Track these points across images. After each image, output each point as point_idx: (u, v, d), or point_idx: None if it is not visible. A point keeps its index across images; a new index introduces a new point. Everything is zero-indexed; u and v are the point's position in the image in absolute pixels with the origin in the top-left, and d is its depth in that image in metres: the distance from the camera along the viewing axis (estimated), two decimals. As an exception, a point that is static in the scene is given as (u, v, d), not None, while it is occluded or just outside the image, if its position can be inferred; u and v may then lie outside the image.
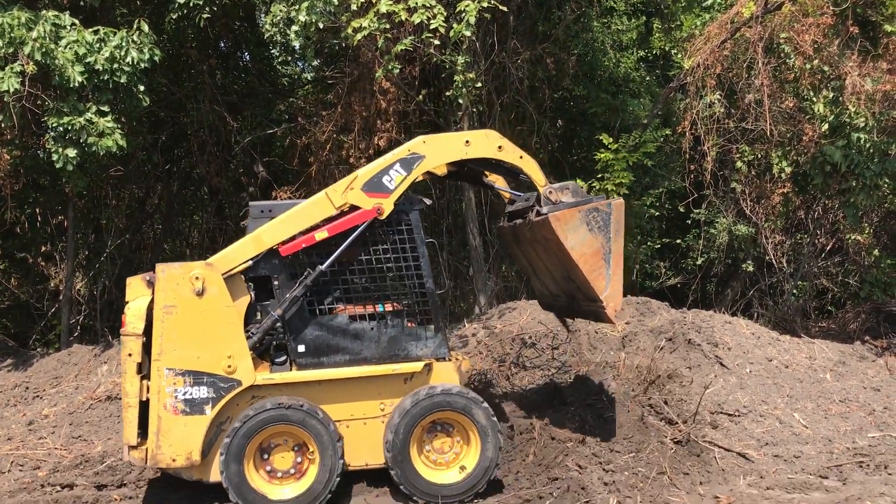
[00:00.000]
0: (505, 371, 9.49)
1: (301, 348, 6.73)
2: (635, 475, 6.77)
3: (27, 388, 10.24)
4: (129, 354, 6.50)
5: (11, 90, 9.25)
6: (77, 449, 8.52)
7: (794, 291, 14.70)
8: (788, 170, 12.38)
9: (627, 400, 7.92)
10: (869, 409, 8.32)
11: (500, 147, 6.93)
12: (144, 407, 6.55)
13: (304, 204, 6.76)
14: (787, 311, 14.39)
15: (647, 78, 15.94)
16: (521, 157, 6.98)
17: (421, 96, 12.42)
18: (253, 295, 6.77)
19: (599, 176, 13.00)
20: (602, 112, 14.43)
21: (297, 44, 12.23)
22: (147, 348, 6.55)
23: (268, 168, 15.24)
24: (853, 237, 14.31)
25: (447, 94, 11.48)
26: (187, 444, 6.47)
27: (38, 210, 15.01)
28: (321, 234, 6.61)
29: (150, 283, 6.66)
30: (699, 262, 15.04)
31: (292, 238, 6.64)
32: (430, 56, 11.08)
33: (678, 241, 15.83)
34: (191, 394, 6.50)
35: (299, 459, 6.65)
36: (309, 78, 17.46)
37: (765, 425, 7.78)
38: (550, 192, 6.77)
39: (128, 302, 6.70)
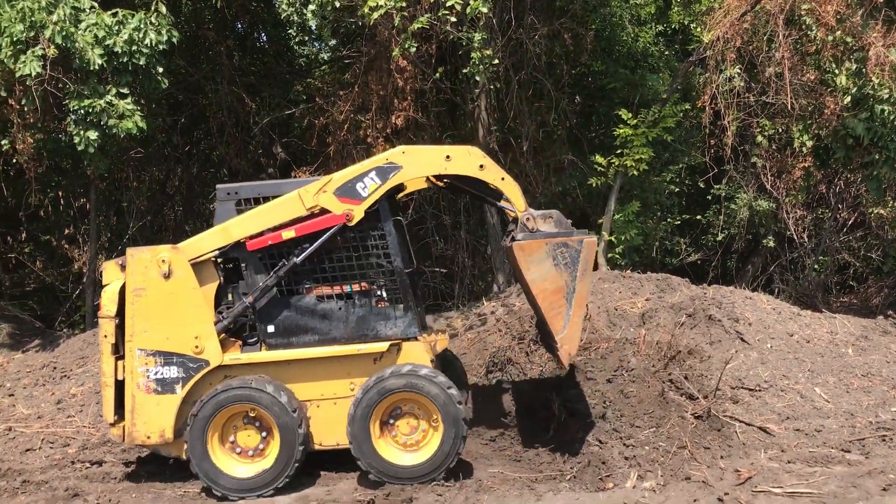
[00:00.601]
0: (524, 348, 9.52)
1: (270, 329, 6.84)
2: (656, 450, 6.80)
3: (55, 367, 10.41)
4: (105, 336, 6.82)
5: (33, 74, 9.35)
6: (104, 427, 8.64)
7: (816, 267, 14.60)
8: (810, 144, 12.25)
9: (648, 375, 7.92)
10: (892, 383, 8.28)
11: (481, 166, 6.64)
12: (122, 386, 6.81)
13: (277, 201, 6.73)
14: (808, 286, 14.31)
15: (666, 52, 15.77)
16: (502, 179, 6.66)
17: (438, 74, 12.39)
18: (222, 278, 6.92)
19: (619, 152, 12.93)
20: (621, 87, 14.32)
21: (313, 23, 12.21)
22: (122, 330, 6.81)
23: (286, 149, 15.31)
24: (876, 211, 14.17)
25: (464, 71, 11.45)
26: (160, 423, 6.71)
27: (60, 193, 15.20)
28: (288, 234, 6.67)
29: (123, 267, 6.88)
30: (719, 238, 14.96)
31: (261, 234, 6.69)
32: (447, 33, 11.03)
33: (698, 217, 15.75)
34: (162, 373, 6.73)
35: (264, 434, 6.73)
36: (326, 58, 17.45)
37: (786, 400, 7.77)
38: (528, 219, 6.46)
39: (104, 285, 6.96)
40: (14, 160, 12.09)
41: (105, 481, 7.18)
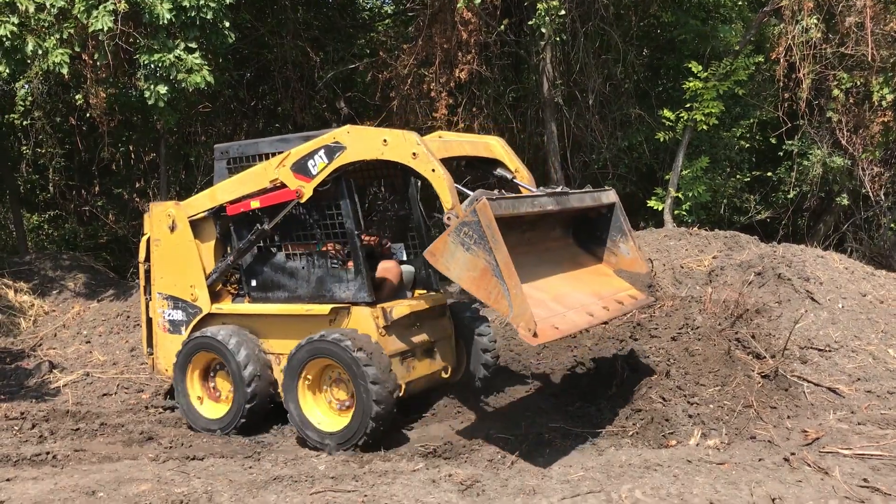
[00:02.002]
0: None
1: (252, 283, 7.22)
2: (721, 408, 6.71)
3: (128, 317, 10.78)
4: (139, 280, 8.01)
5: (105, 28, 9.52)
6: (176, 374, 8.97)
7: (893, 226, 14.08)
8: (890, 97, 11.75)
9: (714, 334, 7.80)
10: (970, 346, 7.99)
11: (414, 154, 6.10)
12: (151, 324, 7.84)
13: (251, 171, 6.94)
14: (883, 245, 13.82)
15: (740, 2, 15.22)
16: (433, 171, 6.02)
17: (503, 26, 12.22)
18: (220, 234, 7.38)
19: (688, 106, 12.62)
20: (691, 39, 13.92)
21: (377, -25, 12.15)
22: (149, 275, 7.75)
23: (350, 104, 15.35)
24: (958, 168, 13.58)
25: (530, 23, 11.27)
26: (174, 358, 7.34)
27: (131, 147, 15.58)
28: (255, 203, 6.91)
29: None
30: (790, 195, 14.52)
31: (238, 199, 7.01)
32: (513, -16, 10.85)
33: (769, 173, 15.31)
34: (172, 315, 7.57)
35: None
36: (389, 11, 17.35)
37: (857, 361, 7.57)
38: (449, 219, 5.72)
39: (144, 234, 7.87)
40: (88, 115, 12.40)
41: (177, 426, 7.45)
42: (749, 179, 15.17)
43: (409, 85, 13.04)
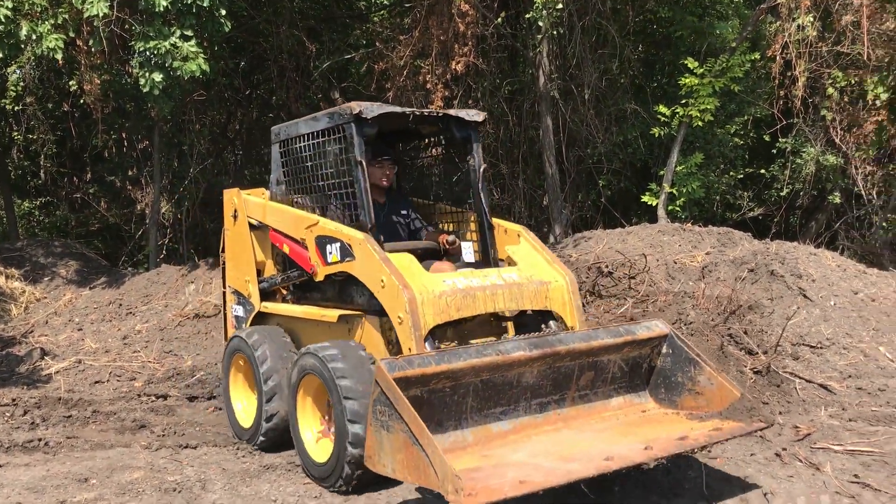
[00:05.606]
0: (581, 299, 9.47)
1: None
2: (712, 403, 6.75)
3: (120, 304, 10.76)
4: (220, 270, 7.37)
5: (101, 14, 9.46)
6: (168, 363, 8.97)
7: (884, 224, 14.15)
8: (884, 96, 11.77)
9: (706, 329, 7.84)
10: (960, 344, 8.05)
11: (399, 319, 5.02)
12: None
13: (296, 213, 6.11)
14: (874, 244, 13.90)
15: (736, -1, 15.27)
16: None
17: (500, 19, 12.19)
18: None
19: (683, 101, 12.63)
20: (687, 35, 13.91)
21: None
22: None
23: (345, 94, 15.30)
24: (950, 168, 13.65)
25: (527, 16, 11.23)
26: None
27: (124, 135, 15.52)
28: (286, 248, 6.24)
29: None
30: (783, 192, 14.58)
31: (277, 230, 6.33)
32: (511, -23, 10.83)
33: (762, 171, 15.36)
34: (237, 311, 6.99)
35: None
36: (386, 2, 17.29)
37: (848, 358, 7.61)
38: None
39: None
40: (81, 101, 12.34)
41: (170, 415, 7.44)
42: (742, 176, 15.21)
43: (404, 76, 12.99)
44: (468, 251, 6.29)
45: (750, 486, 5.01)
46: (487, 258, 6.07)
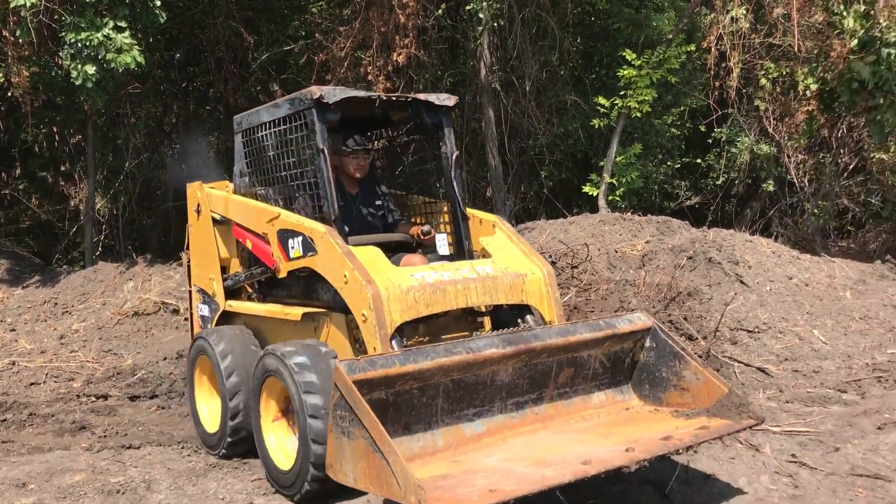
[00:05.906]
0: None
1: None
2: (655, 389, 6.87)
3: (56, 303, 10.45)
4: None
5: (28, 4, 9.15)
6: (108, 362, 8.75)
7: (815, 211, 14.62)
8: (814, 87, 12.13)
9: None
10: (888, 326, 8.35)
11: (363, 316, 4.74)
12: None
13: (258, 206, 5.81)
14: (807, 230, 14.36)
15: (672, -9, 15.54)
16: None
17: (440, 10, 12.17)
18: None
19: (622, 93, 12.81)
20: (625, 27, 14.13)
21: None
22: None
23: (284, 86, 15.10)
24: (878, 156, 14.12)
25: (467, 7, 11.26)
26: None
27: (55, 129, 15.03)
28: (249, 244, 5.93)
29: None
30: (719, 181, 14.93)
31: (241, 225, 6.03)
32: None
33: (698, 160, 15.70)
34: (202, 310, 6.64)
35: None
36: (325, -7, 17.11)
37: (784, 341, 7.84)
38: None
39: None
40: (9, 94, 11.92)
41: (111, 415, 7.27)
42: (679, 166, 15.51)
43: (345, 68, 12.90)
44: (442, 244, 5.86)
45: (692, 469, 5.12)
46: (462, 250, 5.81)
